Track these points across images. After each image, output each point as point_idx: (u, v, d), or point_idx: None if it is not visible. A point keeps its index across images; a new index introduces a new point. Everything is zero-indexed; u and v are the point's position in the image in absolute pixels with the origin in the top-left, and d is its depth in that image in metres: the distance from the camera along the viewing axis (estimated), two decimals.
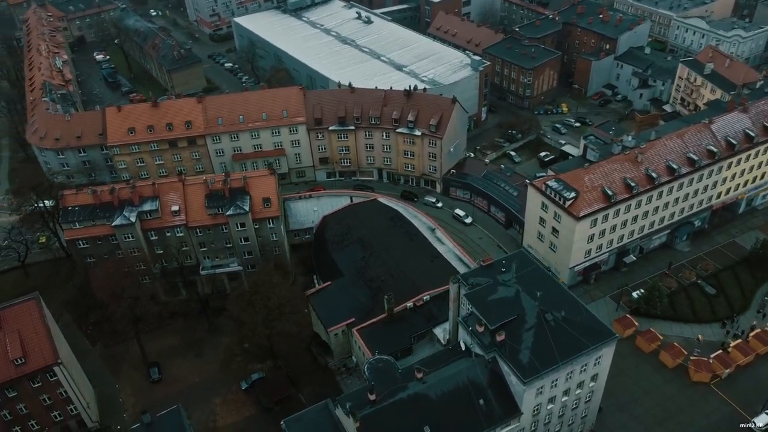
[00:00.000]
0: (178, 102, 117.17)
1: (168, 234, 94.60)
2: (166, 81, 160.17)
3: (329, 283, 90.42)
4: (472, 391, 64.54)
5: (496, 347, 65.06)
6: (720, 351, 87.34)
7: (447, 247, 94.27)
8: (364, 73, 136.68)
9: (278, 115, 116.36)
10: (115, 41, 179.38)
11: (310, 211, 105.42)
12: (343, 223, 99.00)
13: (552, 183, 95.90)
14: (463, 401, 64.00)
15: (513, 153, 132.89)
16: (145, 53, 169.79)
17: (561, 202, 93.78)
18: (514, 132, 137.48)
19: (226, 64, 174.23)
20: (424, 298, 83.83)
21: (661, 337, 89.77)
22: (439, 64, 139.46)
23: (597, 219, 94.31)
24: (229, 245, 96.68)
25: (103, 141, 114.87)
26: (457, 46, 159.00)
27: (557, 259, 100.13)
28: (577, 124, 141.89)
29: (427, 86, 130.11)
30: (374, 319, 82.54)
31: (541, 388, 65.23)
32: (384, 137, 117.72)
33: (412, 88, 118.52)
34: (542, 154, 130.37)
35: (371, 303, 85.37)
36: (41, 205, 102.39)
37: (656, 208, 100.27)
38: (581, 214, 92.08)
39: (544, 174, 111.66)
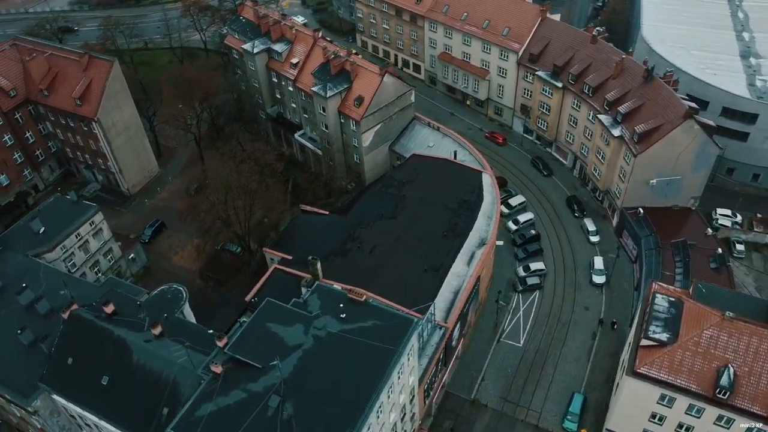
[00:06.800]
0: None
1: (283, 83, 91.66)
2: None
3: (327, 213, 76.26)
4: (168, 392, 49.20)
5: (207, 374, 46.63)
6: None
7: (465, 271, 66.92)
8: (687, 41, 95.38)
9: (499, 30, 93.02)
10: None
11: (425, 143, 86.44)
12: (415, 172, 78.54)
13: (660, 300, 56.16)
14: (151, 392, 49.76)
15: None
16: None
17: (639, 334, 55.04)
18: None
19: None
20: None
21: None
22: None
23: (675, 400, 52.93)
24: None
25: None
26: None
27: (612, 401, 62.01)
28: None
29: (748, 96, 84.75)
30: (301, 273, 67.25)
31: None
32: (590, 118, 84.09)
33: (654, 73, 78.37)
34: None
35: (330, 258, 68.94)
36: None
37: None
38: (640, 370, 52.90)
39: None
